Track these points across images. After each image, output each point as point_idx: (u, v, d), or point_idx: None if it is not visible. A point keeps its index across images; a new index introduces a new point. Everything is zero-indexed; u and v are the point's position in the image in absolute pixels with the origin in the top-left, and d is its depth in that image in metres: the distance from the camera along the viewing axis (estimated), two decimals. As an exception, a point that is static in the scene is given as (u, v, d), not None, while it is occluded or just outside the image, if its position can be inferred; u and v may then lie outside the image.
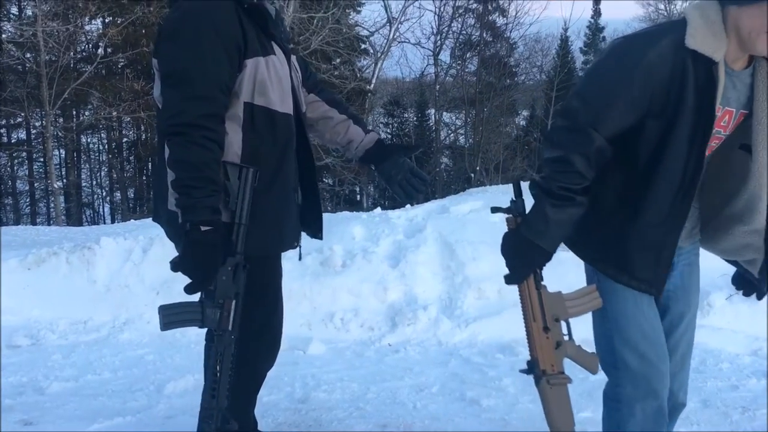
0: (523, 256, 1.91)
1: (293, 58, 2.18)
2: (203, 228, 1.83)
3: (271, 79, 1.97)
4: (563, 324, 1.97)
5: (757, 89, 1.74)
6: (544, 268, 1.99)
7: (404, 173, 2.24)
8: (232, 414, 1.92)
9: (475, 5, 27.39)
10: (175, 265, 1.90)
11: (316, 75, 2.40)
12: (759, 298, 2.00)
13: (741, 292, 2.05)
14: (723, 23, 1.67)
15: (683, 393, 2.03)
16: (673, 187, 1.76)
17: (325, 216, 2.76)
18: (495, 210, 2.00)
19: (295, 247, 2.18)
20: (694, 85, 1.67)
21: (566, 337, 1.96)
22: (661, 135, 1.72)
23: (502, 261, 1.97)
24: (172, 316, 1.95)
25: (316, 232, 2.26)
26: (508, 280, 1.94)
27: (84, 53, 19.20)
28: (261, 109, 1.97)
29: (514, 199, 1.92)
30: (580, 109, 1.75)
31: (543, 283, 1.96)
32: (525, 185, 1.97)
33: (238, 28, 1.90)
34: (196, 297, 1.99)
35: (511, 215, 1.93)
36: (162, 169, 1.99)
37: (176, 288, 4.36)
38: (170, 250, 2.10)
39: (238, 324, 1.94)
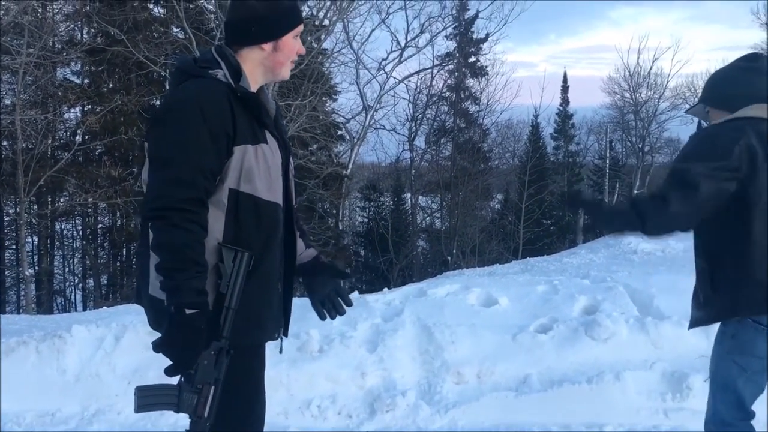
0: None
1: None
2: (188, 311, 1.82)
3: (258, 167, 1.99)
4: None
5: None
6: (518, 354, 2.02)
7: (328, 292, 2.29)
8: None
9: (448, 93, 28.24)
10: (157, 347, 1.86)
11: None
12: None
13: None
14: None
15: None
16: None
17: (303, 300, 2.75)
18: None
19: (275, 338, 2.16)
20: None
21: None
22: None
23: (480, 344, 1.98)
24: (147, 398, 1.91)
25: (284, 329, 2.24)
26: None
27: (61, 140, 19.31)
28: (246, 196, 1.98)
29: None
30: None
31: None
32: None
33: (228, 115, 1.94)
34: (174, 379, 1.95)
35: None
36: (144, 252, 1.99)
37: (149, 376, 4.26)
38: (144, 337, 2.08)
39: (215, 412, 1.89)
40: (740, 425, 2.42)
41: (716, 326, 2.49)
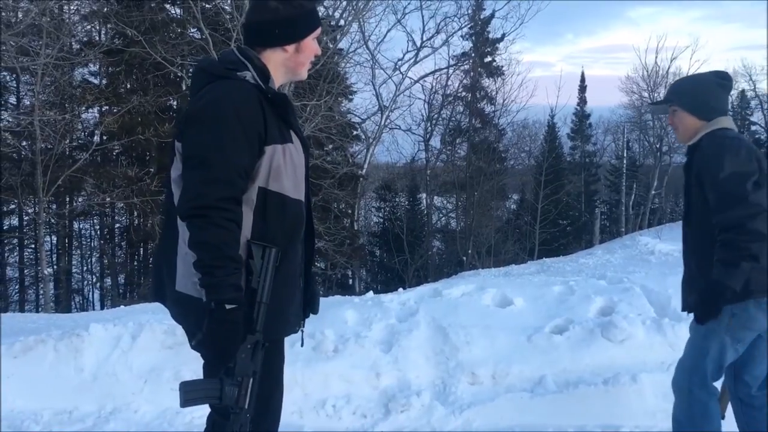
0: None
1: None
2: (227, 306, 1.88)
3: (286, 166, 2.06)
4: None
5: None
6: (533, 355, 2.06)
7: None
8: None
9: (463, 93, 28.17)
10: (199, 343, 1.94)
11: None
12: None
13: None
14: None
15: None
16: None
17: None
18: None
19: (297, 332, 2.24)
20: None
21: None
22: None
23: (495, 345, 2.00)
24: (192, 393, 1.98)
25: (312, 311, 2.33)
26: None
27: (79, 141, 19.47)
28: (274, 194, 2.05)
29: None
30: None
31: None
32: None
33: (260, 116, 2.01)
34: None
35: None
36: (168, 249, 2.06)
37: (164, 376, 4.28)
38: (160, 336, 2.10)
39: (254, 402, 1.98)
40: (712, 386, 2.88)
41: None
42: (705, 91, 2.87)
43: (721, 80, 2.90)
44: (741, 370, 2.91)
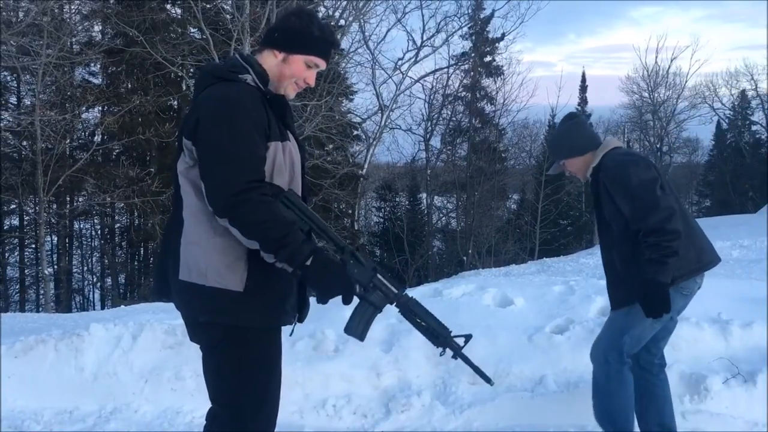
0: None
1: None
2: (307, 263, 2.01)
3: (285, 163, 2.16)
4: None
5: None
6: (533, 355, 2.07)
7: None
8: None
9: (463, 93, 28.17)
10: (322, 297, 2.11)
11: None
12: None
13: None
14: None
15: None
16: None
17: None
18: None
19: (291, 323, 2.28)
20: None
21: None
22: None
23: (496, 344, 2.02)
24: (358, 327, 2.30)
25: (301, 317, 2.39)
26: None
27: (80, 141, 19.47)
28: (278, 189, 2.13)
29: None
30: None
31: None
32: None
33: (264, 114, 2.10)
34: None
35: None
36: (173, 240, 2.11)
37: (165, 376, 4.28)
38: (161, 336, 2.10)
39: (396, 281, 2.30)
40: (626, 358, 3.18)
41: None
42: (571, 136, 3.32)
43: (573, 120, 3.40)
44: (649, 342, 3.24)
